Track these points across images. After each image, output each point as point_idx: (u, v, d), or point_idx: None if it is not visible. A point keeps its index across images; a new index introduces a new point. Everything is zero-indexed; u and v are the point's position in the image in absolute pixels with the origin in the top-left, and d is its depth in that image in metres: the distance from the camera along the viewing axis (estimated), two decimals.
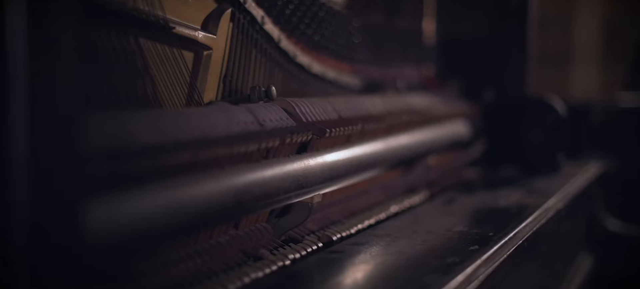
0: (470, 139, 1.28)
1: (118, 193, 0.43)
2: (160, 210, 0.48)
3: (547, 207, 0.91)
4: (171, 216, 0.49)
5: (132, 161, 0.46)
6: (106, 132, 0.44)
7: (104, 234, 0.41)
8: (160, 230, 0.48)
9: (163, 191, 0.48)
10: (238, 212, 0.60)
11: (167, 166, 0.51)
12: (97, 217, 0.40)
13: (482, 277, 0.61)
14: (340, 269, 0.64)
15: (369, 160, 0.86)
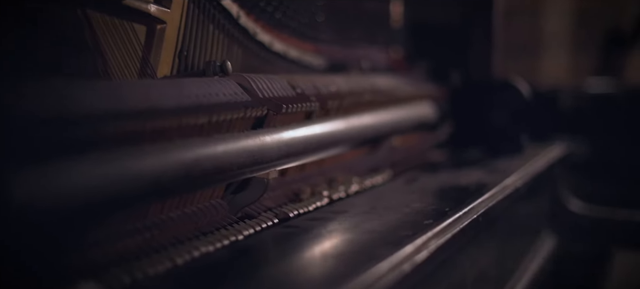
0: (436, 121, 1.28)
1: (51, 161, 0.43)
2: (98, 180, 0.47)
3: (505, 185, 0.91)
4: (111, 187, 0.48)
5: (69, 128, 0.45)
6: (41, 98, 0.43)
7: (34, 203, 0.40)
8: (99, 201, 0.47)
9: (102, 161, 0.48)
10: (187, 186, 0.60)
11: (110, 136, 0.50)
12: (26, 185, 0.39)
13: (432, 248, 0.61)
14: (294, 243, 0.64)
15: (329, 138, 0.86)
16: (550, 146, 1.34)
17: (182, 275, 0.53)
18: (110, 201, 0.50)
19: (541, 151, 1.26)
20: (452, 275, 0.77)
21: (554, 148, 1.34)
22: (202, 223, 0.65)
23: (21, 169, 0.39)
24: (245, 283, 0.50)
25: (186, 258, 0.57)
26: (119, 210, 0.53)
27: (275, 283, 0.50)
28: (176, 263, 0.55)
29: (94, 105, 0.50)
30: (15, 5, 0.42)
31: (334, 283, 0.51)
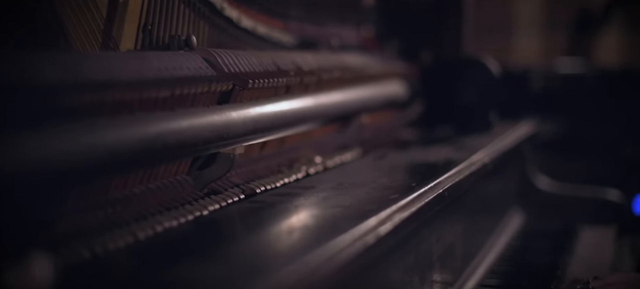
0: (407, 99, 1.29)
1: (7, 133, 0.42)
2: (56, 153, 0.46)
3: (472, 161, 0.92)
4: (70, 160, 0.48)
5: (28, 100, 0.45)
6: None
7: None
8: (58, 174, 0.47)
9: (61, 133, 0.47)
10: (149, 160, 0.59)
11: (69, 108, 0.50)
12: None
13: (397, 221, 0.61)
14: (259, 217, 0.64)
15: (296, 115, 0.86)
16: (519, 124, 1.36)
17: (144, 250, 0.53)
18: (69, 174, 0.49)
19: (509, 129, 1.28)
20: (419, 249, 0.78)
21: (523, 126, 1.35)
22: (166, 198, 0.65)
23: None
24: (208, 257, 0.50)
25: (149, 233, 0.56)
26: (78, 183, 0.52)
27: (239, 256, 0.50)
28: (138, 238, 0.54)
29: (53, 76, 0.49)
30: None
31: (297, 254, 0.51)
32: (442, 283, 0.86)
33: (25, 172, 0.44)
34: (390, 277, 0.70)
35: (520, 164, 1.37)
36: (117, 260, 0.50)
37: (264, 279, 0.44)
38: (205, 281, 0.43)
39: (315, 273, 0.48)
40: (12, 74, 0.45)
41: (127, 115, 0.56)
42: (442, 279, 0.86)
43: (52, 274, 0.40)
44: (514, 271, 1.05)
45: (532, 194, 1.37)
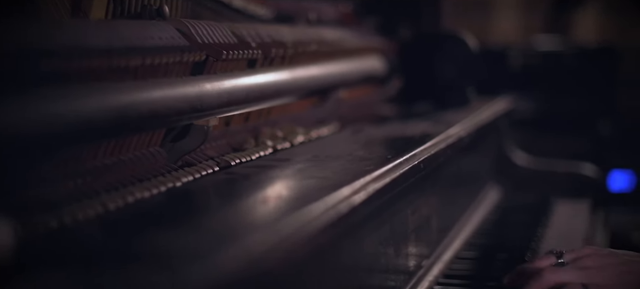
0: (385, 74, 1.29)
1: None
2: (25, 120, 0.45)
3: (448, 134, 0.93)
4: (38, 127, 0.47)
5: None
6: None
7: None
8: (26, 142, 0.46)
9: (30, 100, 0.46)
10: (119, 130, 0.58)
11: (37, 75, 0.49)
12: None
13: (370, 191, 0.61)
14: (232, 188, 0.64)
15: (272, 88, 0.85)
16: (496, 99, 1.36)
17: (114, 220, 0.52)
18: (37, 143, 0.48)
19: (486, 105, 1.28)
20: (395, 221, 0.78)
21: (499, 102, 1.36)
22: (139, 170, 0.64)
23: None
24: (178, 226, 0.49)
25: (119, 203, 0.55)
26: (46, 152, 0.51)
27: (209, 225, 0.50)
28: (108, 208, 0.54)
29: (22, 44, 0.48)
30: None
31: (268, 223, 0.50)
32: (418, 254, 0.86)
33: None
34: (365, 247, 0.70)
35: (497, 139, 1.38)
36: (85, 230, 0.49)
37: (233, 246, 0.44)
38: (174, 249, 0.43)
39: (286, 240, 0.48)
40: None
41: (97, 83, 0.55)
42: (418, 251, 0.86)
43: (13, 241, 0.39)
44: (490, 243, 1.06)
45: (509, 169, 1.38)
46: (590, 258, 0.74)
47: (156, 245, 0.44)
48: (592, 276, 0.72)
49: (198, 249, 0.43)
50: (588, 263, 0.74)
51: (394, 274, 0.78)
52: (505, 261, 0.98)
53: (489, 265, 0.97)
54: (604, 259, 0.74)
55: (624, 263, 0.73)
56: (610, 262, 0.73)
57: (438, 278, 0.89)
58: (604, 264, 0.73)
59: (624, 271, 0.72)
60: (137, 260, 0.41)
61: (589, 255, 0.75)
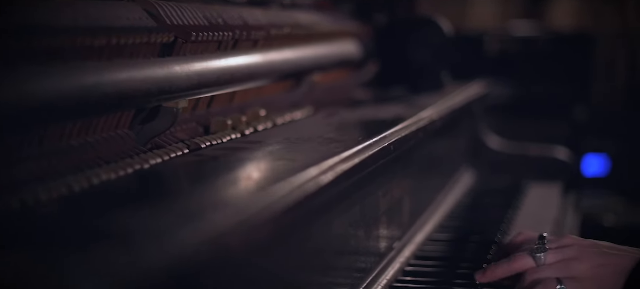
0: (360, 59, 1.29)
1: None
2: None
3: (420, 117, 0.93)
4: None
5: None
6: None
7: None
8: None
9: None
10: (85, 110, 0.58)
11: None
12: None
13: (338, 171, 0.62)
14: (200, 169, 0.64)
15: (244, 70, 0.85)
16: (470, 84, 1.37)
17: (77, 200, 0.52)
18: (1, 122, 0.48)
19: (460, 89, 1.29)
20: (365, 203, 0.78)
21: (473, 86, 1.37)
22: (106, 151, 0.63)
23: None
24: (141, 205, 0.49)
25: (84, 184, 0.55)
26: (9, 132, 0.51)
27: (175, 204, 0.50)
28: (72, 189, 0.53)
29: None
30: None
31: (234, 201, 0.50)
32: (390, 236, 0.87)
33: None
34: (335, 229, 0.70)
35: (471, 123, 1.39)
36: (47, 210, 0.49)
37: (196, 225, 0.44)
38: (135, 228, 0.43)
39: (250, 219, 0.48)
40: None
41: (61, 63, 0.54)
42: (390, 233, 0.87)
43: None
44: (462, 225, 1.07)
45: (483, 153, 1.40)
46: (571, 249, 0.74)
47: (118, 224, 0.44)
48: (568, 269, 0.72)
49: (160, 227, 0.43)
50: (568, 253, 0.74)
51: (365, 256, 0.79)
52: (476, 243, 0.99)
53: (461, 247, 0.98)
54: (583, 250, 0.73)
55: (602, 255, 0.72)
56: (589, 254, 0.73)
57: (409, 259, 0.90)
58: (581, 256, 0.73)
59: (599, 263, 0.71)
60: (98, 239, 0.41)
61: (570, 245, 0.75)
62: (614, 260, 0.71)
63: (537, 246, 0.75)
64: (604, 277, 0.70)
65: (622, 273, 0.70)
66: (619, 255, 0.72)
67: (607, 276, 0.70)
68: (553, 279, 0.72)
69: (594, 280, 0.71)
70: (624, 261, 0.71)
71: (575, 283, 0.71)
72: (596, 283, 0.71)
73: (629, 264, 0.70)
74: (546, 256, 0.74)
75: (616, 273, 0.70)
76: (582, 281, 0.71)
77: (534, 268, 0.73)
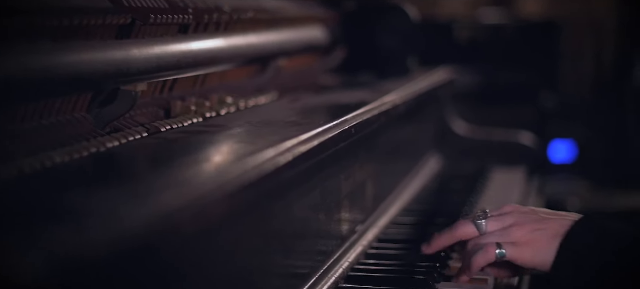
0: (327, 44, 1.29)
1: None
2: None
3: (383, 101, 0.94)
4: None
5: None
6: None
7: None
8: None
9: None
10: (33, 94, 0.57)
11: None
12: None
13: (296, 153, 0.62)
14: (157, 151, 0.64)
15: (206, 54, 0.84)
16: (436, 70, 1.38)
17: (27, 182, 0.51)
18: None
19: (426, 74, 1.30)
20: (326, 186, 0.79)
21: (440, 72, 1.38)
22: (62, 135, 0.63)
23: None
24: (93, 186, 0.49)
25: (36, 167, 0.55)
26: None
27: (126, 184, 0.50)
28: (24, 171, 0.53)
29: None
30: None
31: (186, 181, 0.50)
32: (352, 220, 0.88)
33: None
34: (295, 211, 0.71)
35: (437, 108, 1.41)
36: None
37: (147, 203, 0.44)
38: (84, 207, 0.43)
39: (203, 198, 0.48)
40: None
41: (12, 44, 0.53)
42: (352, 216, 0.88)
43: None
44: (427, 209, 1.09)
45: (449, 138, 1.41)
46: (510, 216, 0.77)
47: (66, 204, 0.44)
48: (507, 235, 0.75)
49: (109, 207, 0.43)
50: (507, 220, 0.76)
51: (327, 239, 0.79)
52: (440, 225, 1.00)
53: (424, 230, 0.99)
54: (521, 216, 0.76)
55: (539, 221, 0.75)
56: (528, 219, 0.76)
57: (372, 242, 0.90)
58: (519, 222, 0.76)
59: (536, 228, 0.74)
60: (44, 219, 0.41)
61: (510, 213, 0.78)
62: (550, 224, 0.74)
63: (479, 214, 0.77)
64: (540, 241, 0.73)
65: (557, 236, 0.73)
66: (555, 220, 0.75)
67: (543, 240, 0.73)
68: (493, 244, 0.74)
69: (530, 244, 0.73)
70: (559, 225, 0.73)
71: (513, 247, 0.74)
72: (533, 246, 0.73)
73: (564, 227, 0.73)
74: (487, 223, 0.76)
75: (551, 237, 0.73)
76: (520, 246, 0.74)
77: (475, 235, 0.76)
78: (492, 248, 0.74)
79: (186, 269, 0.49)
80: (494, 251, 0.74)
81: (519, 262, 0.75)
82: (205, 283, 0.52)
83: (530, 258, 0.74)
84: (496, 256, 0.74)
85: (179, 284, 0.48)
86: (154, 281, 0.45)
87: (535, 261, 0.74)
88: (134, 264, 0.42)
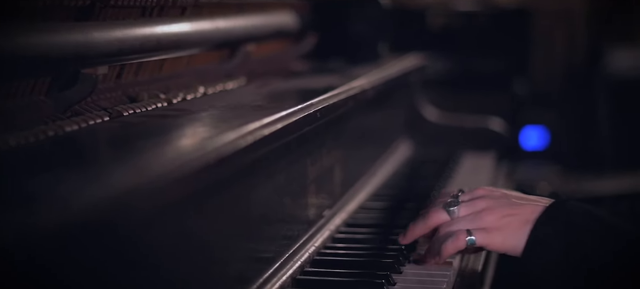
0: (298, 30, 1.28)
1: None
2: None
3: (350, 86, 0.94)
4: None
5: None
6: None
7: None
8: None
9: None
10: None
11: None
12: None
13: (257, 135, 0.61)
14: (117, 133, 0.63)
15: (170, 38, 0.83)
16: (407, 56, 1.39)
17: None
18: None
19: (396, 60, 1.31)
20: (293, 169, 0.78)
21: (410, 58, 1.38)
22: (18, 118, 0.61)
23: None
24: (45, 167, 0.48)
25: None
26: None
27: (77, 166, 0.49)
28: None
29: None
30: None
31: (150, 164, 0.50)
32: (319, 204, 0.88)
33: None
34: (259, 194, 0.70)
35: (408, 95, 1.41)
36: None
37: (99, 184, 0.43)
38: (34, 189, 0.42)
39: (159, 179, 0.47)
40: None
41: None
42: (319, 201, 0.87)
43: None
44: (396, 194, 1.09)
45: (420, 124, 1.42)
46: (482, 200, 0.77)
47: (15, 188, 0.43)
48: (478, 221, 0.75)
49: (61, 187, 0.42)
50: (479, 205, 0.76)
51: (293, 223, 0.79)
52: (409, 210, 1.01)
53: (393, 215, 1.00)
54: (493, 201, 0.76)
55: (510, 206, 0.75)
56: (499, 204, 0.75)
57: (339, 227, 0.90)
58: (491, 207, 0.75)
59: (507, 213, 0.74)
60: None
61: (482, 197, 0.77)
62: (521, 210, 0.74)
63: (451, 200, 0.77)
64: (510, 226, 0.73)
65: (528, 221, 0.73)
66: (526, 205, 0.75)
67: (513, 225, 0.73)
68: (464, 230, 0.74)
69: (501, 230, 0.74)
70: (530, 210, 0.74)
71: (484, 233, 0.74)
72: (504, 232, 0.73)
73: (535, 213, 0.73)
74: (458, 210, 0.76)
75: (522, 222, 0.73)
76: (491, 232, 0.74)
77: (447, 221, 0.76)
78: (462, 235, 0.74)
79: (142, 252, 0.49)
80: (464, 239, 0.74)
81: (489, 248, 0.76)
82: (163, 267, 0.52)
83: (501, 243, 0.74)
84: (467, 243, 0.74)
85: (134, 267, 0.48)
86: (107, 263, 0.44)
87: (506, 247, 0.74)
88: (85, 246, 0.42)
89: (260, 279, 0.68)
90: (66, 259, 0.41)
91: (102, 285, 0.44)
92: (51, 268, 0.40)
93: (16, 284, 0.37)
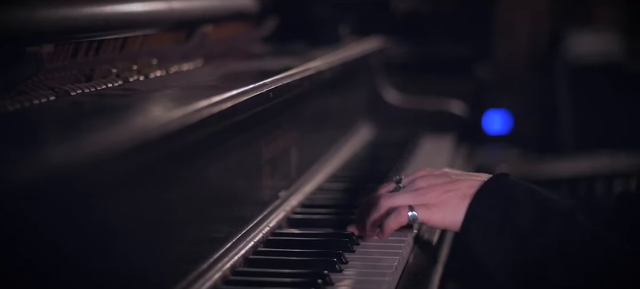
0: (257, 12, 1.27)
1: None
2: None
3: (306, 67, 0.93)
4: None
5: None
6: None
7: None
8: None
9: None
10: None
11: None
12: None
13: (204, 114, 0.61)
14: (59, 112, 0.62)
15: (120, 17, 0.82)
16: (367, 38, 1.39)
17: None
18: None
19: (357, 43, 1.31)
20: (246, 150, 0.78)
21: (370, 41, 1.38)
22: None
23: None
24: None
25: None
26: None
27: (15, 141, 0.48)
28: None
29: None
30: None
31: (89, 141, 0.49)
32: (274, 186, 0.87)
33: None
34: (209, 174, 0.70)
35: (368, 77, 1.41)
36: None
37: (34, 160, 0.42)
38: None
39: (98, 155, 0.46)
40: None
41: None
42: (274, 182, 0.87)
43: None
44: (354, 175, 1.09)
45: (381, 107, 1.42)
46: (423, 179, 0.78)
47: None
48: (419, 197, 0.76)
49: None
50: (419, 184, 0.78)
51: (246, 204, 0.79)
52: (367, 191, 1.01)
53: (351, 195, 1.00)
54: (433, 179, 0.78)
55: (449, 182, 0.77)
56: (439, 182, 0.77)
57: (295, 208, 0.90)
58: (432, 184, 0.77)
59: (447, 189, 0.76)
60: None
61: (423, 177, 0.79)
62: (459, 186, 0.76)
63: (394, 183, 0.79)
64: (449, 201, 0.75)
65: (466, 197, 0.75)
66: (465, 181, 0.77)
67: (452, 200, 0.75)
68: (405, 206, 0.76)
69: (441, 205, 0.75)
70: (468, 185, 0.75)
71: (425, 209, 0.76)
72: (443, 207, 0.75)
73: (473, 188, 0.75)
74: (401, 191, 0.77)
75: (460, 197, 0.75)
76: (431, 207, 0.75)
77: (388, 197, 0.77)
78: (404, 211, 0.75)
79: (84, 231, 0.48)
80: (406, 214, 0.75)
81: (430, 223, 0.77)
82: (108, 247, 0.51)
83: (441, 219, 0.75)
84: (409, 218, 0.76)
85: (75, 247, 0.47)
86: (45, 241, 0.44)
87: (446, 222, 0.76)
88: (20, 224, 0.41)
89: (211, 259, 0.67)
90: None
91: (44, 264, 0.44)
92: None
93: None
